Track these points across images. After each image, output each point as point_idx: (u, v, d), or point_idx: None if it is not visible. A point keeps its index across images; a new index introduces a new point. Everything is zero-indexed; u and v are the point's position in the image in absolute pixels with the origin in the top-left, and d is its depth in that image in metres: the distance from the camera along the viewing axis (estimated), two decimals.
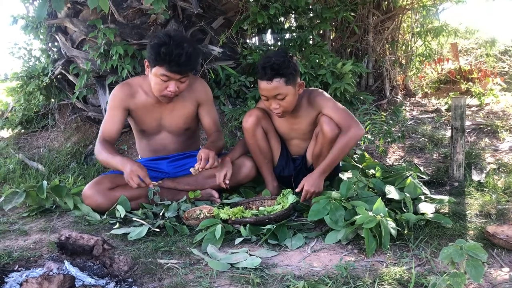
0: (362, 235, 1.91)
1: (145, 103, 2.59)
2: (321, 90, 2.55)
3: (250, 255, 1.89)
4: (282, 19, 4.81)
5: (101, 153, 2.46)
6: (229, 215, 2.21)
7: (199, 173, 2.48)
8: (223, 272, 1.75)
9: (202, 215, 2.35)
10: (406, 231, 2.00)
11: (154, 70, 2.40)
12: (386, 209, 2.04)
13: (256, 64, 2.42)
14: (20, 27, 4.36)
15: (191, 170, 2.45)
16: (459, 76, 6.64)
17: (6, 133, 4.60)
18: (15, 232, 2.29)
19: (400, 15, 5.92)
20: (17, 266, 1.83)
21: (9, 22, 4.31)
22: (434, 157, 3.54)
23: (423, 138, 4.09)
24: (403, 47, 6.23)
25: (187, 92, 2.62)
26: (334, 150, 2.36)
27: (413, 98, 6.26)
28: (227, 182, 2.53)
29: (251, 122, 2.57)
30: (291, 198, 2.29)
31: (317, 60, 4.14)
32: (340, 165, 2.78)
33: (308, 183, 2.35)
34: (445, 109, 5.33)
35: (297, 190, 2.38)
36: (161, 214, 2.42)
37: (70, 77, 4.01)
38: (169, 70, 2.35)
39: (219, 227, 2.08)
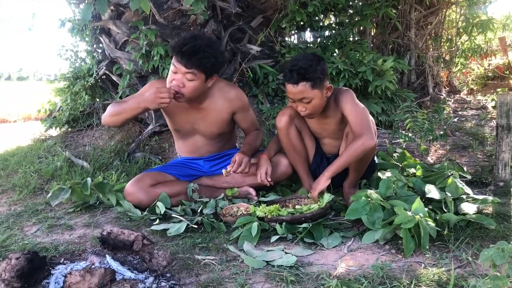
0: (401, 235, 1.87)
1: (178, 104, 2.55)
2: (347, 89, 2.48)
3: (286, 253, 1.89)
4: (321, 16, 4.78)
5: (109, 109, 2.47)
6: (265, 213, 2.23)
7: (229, 175, 2.57)
8: (259, 269, 1.77)
9: (239, 212, 2.37)
10: (446, 232, 1.95)
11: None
12: (426, 209, 1.99)
13: (284, 66, 2.40)
14: (67, 30, 4.53)
15: (223, 171, 2.55)
16: (507, 72, 6.37)
17: (54, 131, 4.79)
18: (61, 226, 2.39)
19: (444, 10, 5.75)
20: (62, 259, 1.92)
21: (58, 26, 4.50)
22: (479, 156, 3.43)
23: (467, 136, 3.96)
24: (447, 43, 6.04)
25: (222, 100, 2.63)
26: (341, 156, 2.30)
27: (457, 95, 6.06)
28: (269, 179, 2.55)
29: (284, 121, 2.57)
30: (327, 197, 2.28)
31: (357, 57, 4.08)
32: (376, 162, 2.74)
33: (314, 184, 2.34)
34: (492, 106, 5.13)
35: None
36: (199, 211, 2.47)
37: (114, 78, 4.14)
38: (176, 59, 2.37)
39: (255, 224, 2.10)
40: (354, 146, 2.26)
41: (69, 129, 4.65)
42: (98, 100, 4.48)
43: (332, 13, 4.96)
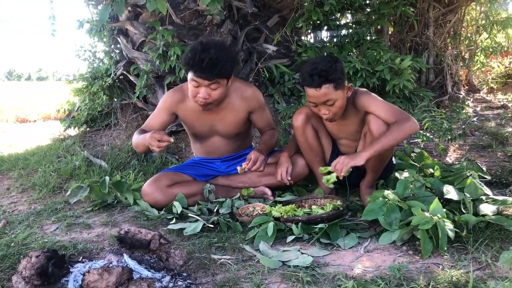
0: (418, 236, 1.86)
1: (194, 109, 2.58)
2: (365, 89, 2.46)
3: (302, 253, 1.89)
4: (338, 15, 4.75)
5: (133, 138, 2.56)
6: (281, 213, 2.23)
7: (243, 173, 2.58)
8: (275, 269, 1.77)
9: (255, 212, 2.38)
10: (464, 233, 1.92)
11: (188, 76, 2.42)
12: (444, 210, 1.97)
13: (301, 71, 2.35)
14: (86, 30, 4.59)
15: (238, 168, 2.54)
16: None
17: (73, 131, 4.85)
18: (80, 225, 2.43)
19: (464, 7, 5.66)
20: (81, 258, 1.95)
21: (76, 26, 4.56)
22: (499, 156, 3.37)
23: (486, 136, 3.90)
24: (466, 41, 5.95)
25: (239, 100, 2.63)
26: (386, 136, 2.20)
27: (477, 94, 5.97)
28: (289, 178, 2.54)
29: (301, 120, 2.55)
30: (335, 204, 2.26)
31: (374, 56, 4.04)
32: (394, 162, 2.71)
33: (346, 156, 2.22)
34: None
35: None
36: (215, 210, 2.48)
37: (131, 78, 4.18)
38: (195, 75, 2.35)
39: (271, 224, 2.10)
40: (402, 126, 2.19)
41: (88, 129, 4.71)
42: (116, 100, 4.52)
43: (349, 12, 4.92)
